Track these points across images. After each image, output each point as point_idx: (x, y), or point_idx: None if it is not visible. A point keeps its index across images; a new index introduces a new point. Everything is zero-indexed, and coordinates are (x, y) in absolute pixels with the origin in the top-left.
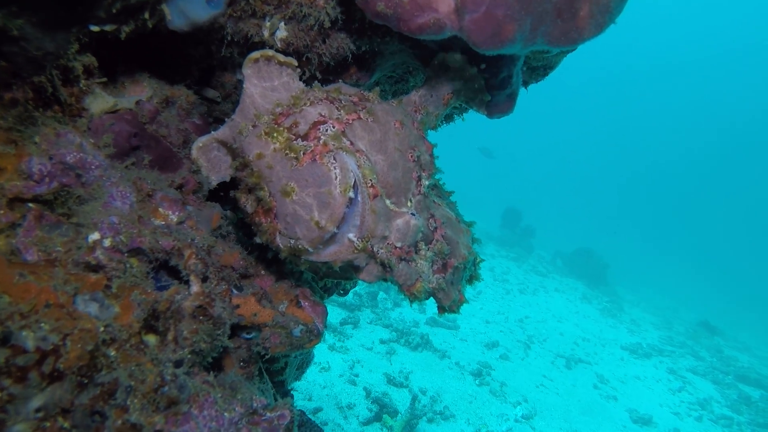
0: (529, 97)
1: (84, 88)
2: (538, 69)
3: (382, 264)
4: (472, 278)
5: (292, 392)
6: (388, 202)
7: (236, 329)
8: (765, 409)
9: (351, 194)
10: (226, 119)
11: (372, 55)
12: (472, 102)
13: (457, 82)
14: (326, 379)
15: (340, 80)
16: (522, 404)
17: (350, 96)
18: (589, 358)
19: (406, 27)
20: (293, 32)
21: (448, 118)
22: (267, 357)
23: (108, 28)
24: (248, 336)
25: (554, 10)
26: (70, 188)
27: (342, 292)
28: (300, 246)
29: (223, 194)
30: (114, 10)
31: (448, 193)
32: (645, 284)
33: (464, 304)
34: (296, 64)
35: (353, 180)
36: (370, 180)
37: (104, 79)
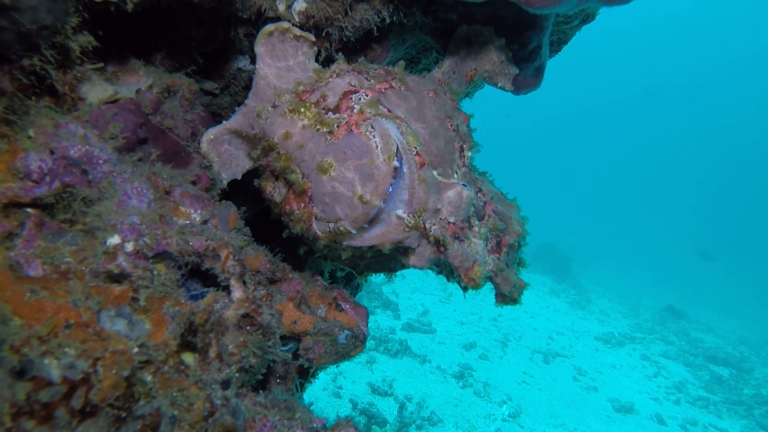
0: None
1: (79, 74)
2: (553, 44)
3: (436, 243)
4: (520, 263)
5: None
6: (435, 173)
7: None
8: (736, 387)
9: (396, 163)
10: (229, 112)
11: (392, 29)
12: (498, 77)
13: (483, 55)
14: (310, 394)
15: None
16: (507, 403)
17: (376, 69)
18: (566, 351)
19: None
20: (314, 3)
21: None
22: (311, 370)
23: None
24: (284, 348)
25: None
26: (74, 188)
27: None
28: (342, 228)
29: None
30: None
31: (482, 173)
32: (607, 275)
33: (526, 290)
34: (313, 39)
35: (396, 147)
36: (415, 147)
37: (101, 64)
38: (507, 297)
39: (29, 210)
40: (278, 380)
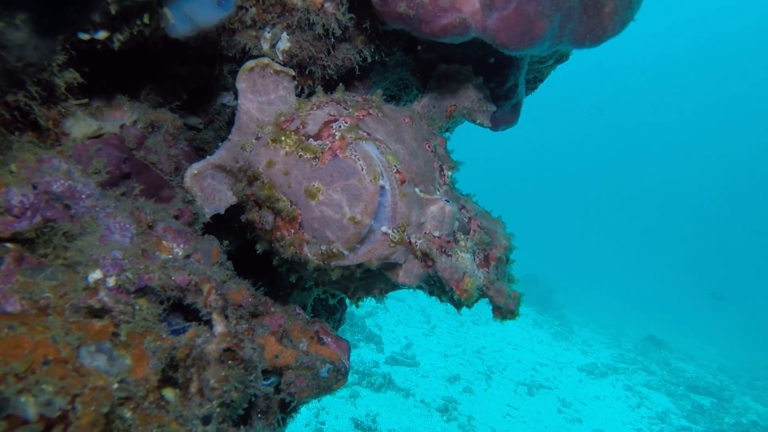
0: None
1: (63, 109)
2: (529, 81)
3: (423, 257)
4: (509, 279)
5: None
6: (416, 189)
7: None
8: (718, 416)
9: (382, 182)
10: (212, 147)
11: (374, 68)
12: (477, 114)
13: (461, 93)
14: (292, 430)
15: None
16: None
17: (354, 97)
18: (549, 383)
19: (429, 29)
20: (297, 43)
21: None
22: (291, 405)
23: (100, 35)
24: (266, 382)
25: (581, 6)
26: (56, 223)
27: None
28: (334, 250)
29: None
30: (113, 12)
31: (466, 195)
32: (589, 305)
33: (522, 299)
34: (293, 73)
35: (380, 167)
36: (395, 166)
37: (85, 100)
38: (503, 309)
39: (8, 245)
40: (260, 415)
